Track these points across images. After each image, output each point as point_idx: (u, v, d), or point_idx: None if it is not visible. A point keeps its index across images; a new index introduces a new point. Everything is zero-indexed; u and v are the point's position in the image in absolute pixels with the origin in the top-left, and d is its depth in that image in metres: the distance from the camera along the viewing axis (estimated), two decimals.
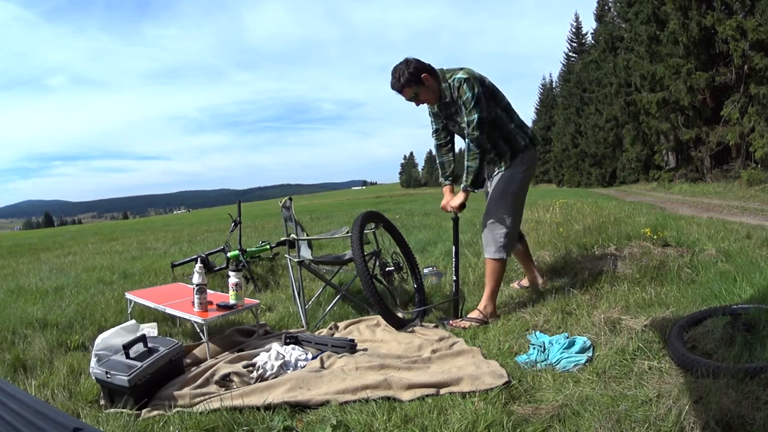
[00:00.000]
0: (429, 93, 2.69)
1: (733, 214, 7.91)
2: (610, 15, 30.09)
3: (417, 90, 2.66)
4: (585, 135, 31.85)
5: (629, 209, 7.10)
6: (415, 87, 2.64)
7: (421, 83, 2.64)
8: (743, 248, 3.62)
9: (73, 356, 2.47)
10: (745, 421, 1.44)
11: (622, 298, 2.70)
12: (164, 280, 4.32)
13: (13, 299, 4.01)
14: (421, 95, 2.69)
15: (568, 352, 2.07)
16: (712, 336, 2.01)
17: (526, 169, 2.78)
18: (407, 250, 3.25)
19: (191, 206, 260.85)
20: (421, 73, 2.62)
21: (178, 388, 1.98)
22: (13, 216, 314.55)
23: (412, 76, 2.61)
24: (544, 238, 4.49)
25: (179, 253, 6.25)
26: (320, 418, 1.72)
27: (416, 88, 2.65)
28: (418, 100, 2.72)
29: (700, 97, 16.54)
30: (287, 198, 3.35)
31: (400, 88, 2.66)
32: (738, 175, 14.88)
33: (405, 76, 2.61)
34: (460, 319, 2.73)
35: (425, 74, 2.63)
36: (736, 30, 13.95)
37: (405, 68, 2.62)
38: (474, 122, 2.57)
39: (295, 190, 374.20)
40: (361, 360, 2.16)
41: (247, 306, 2.66)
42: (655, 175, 21.03)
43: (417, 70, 2.62)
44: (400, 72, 2.63)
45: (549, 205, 7.23)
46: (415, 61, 2.64)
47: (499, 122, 2.73)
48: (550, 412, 1.63)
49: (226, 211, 11.78)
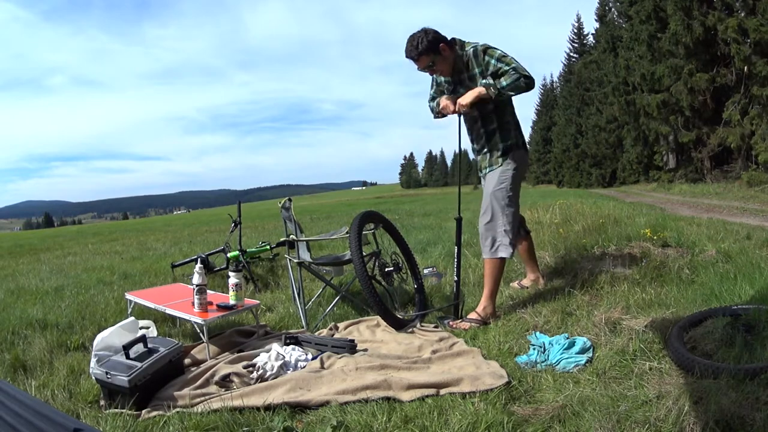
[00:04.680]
0: (444, 63, 2.69)
1: (733, 215, 7.91)
2: (611, 15, 30.11)
3: (434, 59, 2.66)
4: (585, 135, 31.85)
5: (629, 210, 7.10)
6: (432, 56, 2.64)
7: (438, 53, 2.64)
8: (743, 249, 3.62)
9: (73, 357, 2.47)
10: (745, 421, 1.44)
11: (622, 299, 2.69)
12: (164, 281, 4.32)
13: (13, 300, 4.01)
14: (437, 65, 2.69)
15: (568, 353, 2.07)
16: (713, 337, 2.01)
17: (516, 167, 2.76)
18: (407, 251, 3.25)
19: (191, 207, 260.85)
20: (439, 43, 2.63)
21: (178, 388, 1.98)
22: (13, 216, 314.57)
23: (430, 44, 2.61)
24: (544, 239, 4.50)
25: (179, 254, 6.25)
26: (320, 418, 1.72)
27: (433, 57, 2.65)
28: (433, 70, 2.72)
29: (700, 98, 16.54)
30: (287, 199, 3.35)
31: (417, 56, 2.65)
32: (738, 176, 14.88)
33: (424, 44, 2.61)
34: (460, 320, 2.73)
35: (443, 44, 2.64)
36: (737, 30, 13.94)
37: (424, 36, 2.62)
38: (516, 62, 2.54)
39: (294, 191, 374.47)
40: (361, 360, 2.16)
41: (247, 306, 2.66)
42: (655, 176, 21.04)
43: (435, 40, 2.62)
44: (418, 40, 2.62)
45: (549, 205, 7.23)
46: (433, 31, 2.64)
47: (501, 110, 2.72)
48: (550, 412, 1.62)
49: (226, 212, 11.77)
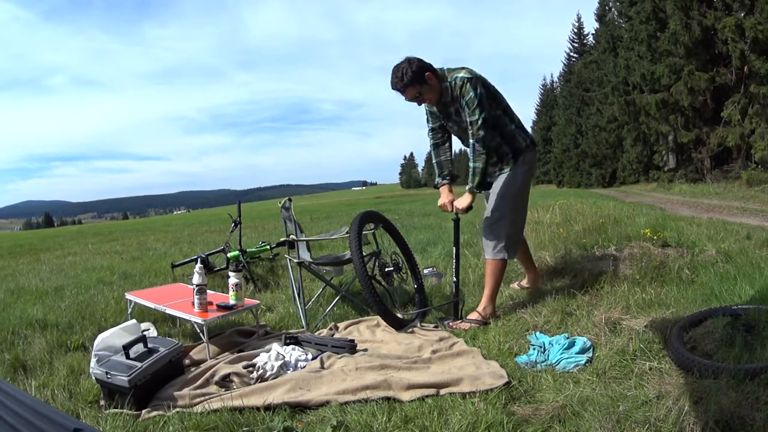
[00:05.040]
0: (432, 92, 2.61)
1: (733, 215, 7.91)
2: (611, 15, 30.12)
3: (420, 89, 2.58)
4: (586, 135, 31.84)
5: (629, 210, 7.09)
6: (419, 87, 2.56)
7: (425, 82, 2.56)
8: (743, 249, 3.61)
9: (73, 357, 2.47)
10: (745, 421, 1.44)
11: (622, 299, 2.69)
12: (164, 281, 4.31)
13: (13, 300, 4.00)
14: (425, 95, 2.61)
15: (568, 353, 2.07)
16: (713, 337, 2.01)
17: (527, 169, 2.75)
18: (407, 251, 3.24)
19: (191, 207, 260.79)
20: (425, 72, 2.55)
21: (178, 388, 1.98)
22: (13, 216, 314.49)
23: (415, 75, 2.53)
24: (544, 239, 4.49)
25: (179, 254, 6.25)
26: (320, 418, 1.72)
27: (420, 88, 2.57)
28: (420, 100, 2.64)
29: (700, 98, 16.54)
30: (287, 199, 3.35)
31: (403, 88, 2.57)
32: (738, 175, 14.87)
33: (408, 76, 2.52)
34: (460, 321, 2.73)
35: (428, 73, 2.56)
36: (735, 30, 13.94)
37: (408, 67, 2.53)
38: (479, 122, 2.51)
39: (295, 191, 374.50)
40: (361, 360, 2.16)
41: (247, 306, 2.66)
42: (655, 176, 21.02)
43: (420, 69, 2.54)
44: (402, 71, 2.54)
45: (549, 205, 7.22)
46: (417, 60, 2.56)
47: (499, 123, 2.68)
48: (550, 412, 1.62)
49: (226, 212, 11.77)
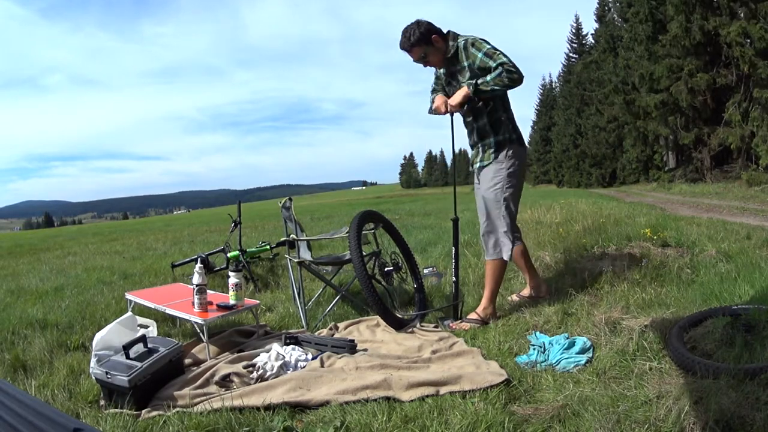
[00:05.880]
0: (437, 55, 2.70)
1: (733, 215, 7.91)
2: (610, 15, 30.14)
3: (426, 50, 2.67)
4: (585, 135, 31.86)
5: (629, 210, 7.09)
6: (425, 47, 2.66)
7: (431, 44, 2.66)
8: (743, 249, 3.62)
9: (73, 357, 2.47)
10: (745, 421, 1.44)
11: (622, 299, 2.69)
12: (164, 281, 4.31)
13: (13, 299, 4.00)
14: (430, 57, 2.70)
15: (568, 353, 2.07)
16: (712, 336, 2.01)
17: (512, 165, 2.68)
18: (407, 250, 3.25)
19: (191, 207, 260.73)
20: (432, 35, 2.65)
21: (178, 388, 1.98)
22: (13, 216, 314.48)
23: (422, 36, 2.63)
24: (543, 239, 4.49)
25: (179, 254, 6.24)
26: (320, 418, 1.72)
27: (426, 49, 2.67)
28: (426, 62, 2.73)
29: (700, 98, 16.54)
30: (287, 198, 3.35)
31: (410, 48, 2.68)
32: (738, 176, 14.88)
33: (416, 36, 2.63)
34: (459, 321, 2.73)
35: (435, 35, 2.65)
36: (741, 35, 13.87)
37: (416, 28, 2.64)
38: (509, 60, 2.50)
39: (295, 191, 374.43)
40: (361, 360, 2.16)
41: (247, 306, 2.66)
42: (655, 176, 21.04)
43: (428, 31, 2.64)
44: (410, 32, 2.65)
45: (549, 205, 7.23)
46: (426, 22, 2.67)
47: (493, 104, 2.68)
48: (550, 412, 1.62)
49: (226, 212, 11.77)
